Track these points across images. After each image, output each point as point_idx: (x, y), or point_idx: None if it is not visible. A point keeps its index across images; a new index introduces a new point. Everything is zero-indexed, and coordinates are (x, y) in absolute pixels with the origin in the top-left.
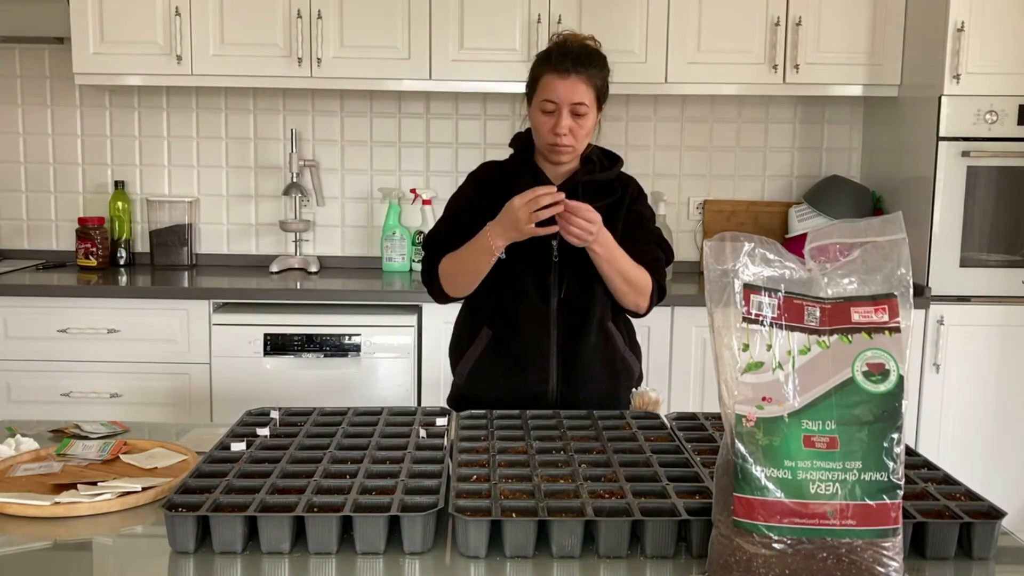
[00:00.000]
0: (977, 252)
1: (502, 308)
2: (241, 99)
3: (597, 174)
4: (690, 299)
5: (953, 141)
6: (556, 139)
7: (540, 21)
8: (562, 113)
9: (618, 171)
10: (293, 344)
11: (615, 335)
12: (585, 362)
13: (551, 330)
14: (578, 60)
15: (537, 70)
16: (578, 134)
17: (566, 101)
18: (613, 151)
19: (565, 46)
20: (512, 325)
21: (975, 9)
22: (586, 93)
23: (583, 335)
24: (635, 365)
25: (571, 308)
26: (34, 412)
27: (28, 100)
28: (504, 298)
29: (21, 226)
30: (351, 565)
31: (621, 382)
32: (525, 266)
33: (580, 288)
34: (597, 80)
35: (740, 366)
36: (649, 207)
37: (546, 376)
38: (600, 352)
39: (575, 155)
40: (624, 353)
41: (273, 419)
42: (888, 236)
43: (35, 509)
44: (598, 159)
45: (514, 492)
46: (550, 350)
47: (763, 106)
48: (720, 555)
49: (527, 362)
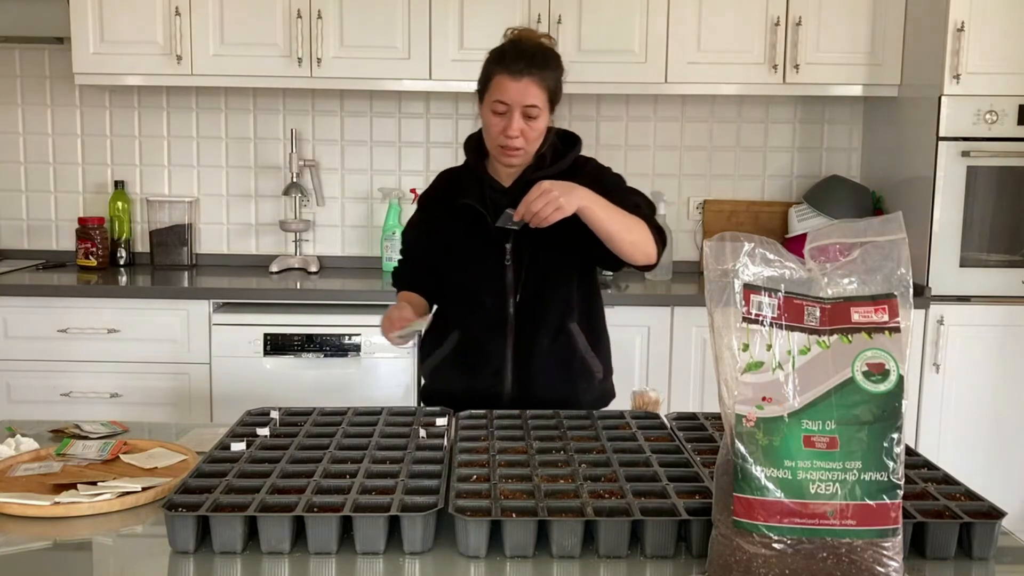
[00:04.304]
0: (977, 252)
1: (464, 313)
2: (241, 99)
3: (548, 168)
4: (690, 299)
5: (953, 141)
6: (507, 141)
7: (540, 21)
8: (513, 115)
9: (573, 158)
10: (293, 344)
11: (576, 336)
12: (539, 365)
13: (507, 333)
14: (532, 61)
15: (489, 69)
16: (529, 136)
17: (518, 103)
18: (572, 132)
19: (519, 45)
20: (473, 329)
21: (975, 9)
22: (538, 95)
23: (538, 338)
24: (597, 367)
25: (528, 311)
26: (34, 412)
27: (28, 100)
28: (464, 304)
29: (21, 226)
30: (351, 565)
31: (579, 384)
32: (480, 273)
33: (537, 291)
34: (550, 82)
35: (740, 366)
36: (614, 175)
37: (501, 378)
38: (557, 354)
39: (526, 157)
40: (585, 355)
41: (273, 419)
42: (888, 236)
43: (35, 509)
44: (553, 148)
45: (514, 492)
46: (505, 353)
47: (763, 106)
48: (720, 555)
49: (483, 364)
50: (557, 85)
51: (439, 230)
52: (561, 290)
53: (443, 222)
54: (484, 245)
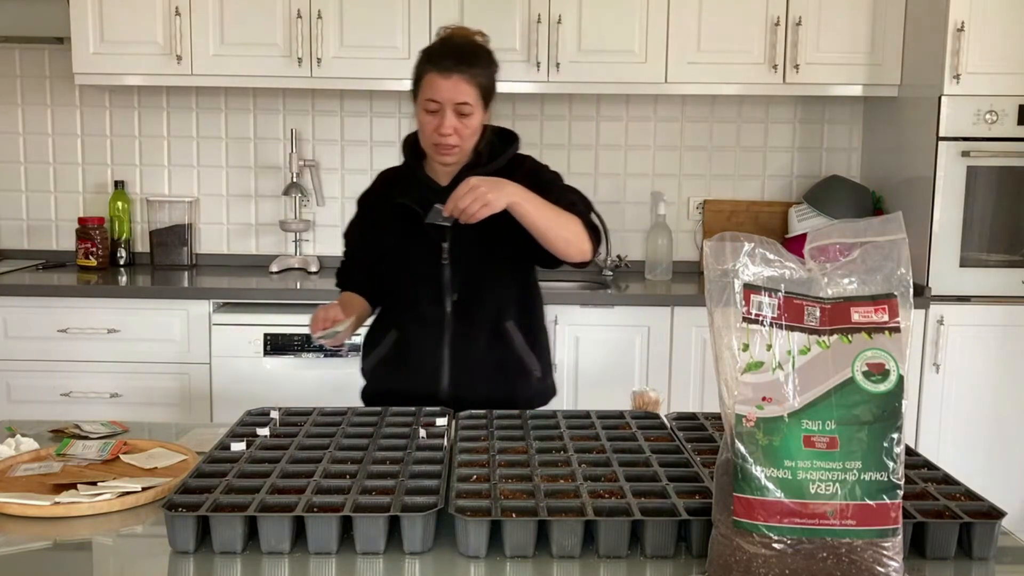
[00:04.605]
0: (977, 252)
1: (402, 312)
2: (241, 99)
3: (485, 166)
4: (690, 299)
5: (953, 141)
6: (440, 139)
7: (540, 21)
8: (445, 113)
9: (509, 156)
10: (293, 344)
11: (512, 335)
12: (475, 364)
13: (443, 332)
14: (461, 59)
15: (420, 68)
16: (463, 133)
17: (449, 101)
18: (509, 129)
19: (449, 43)
20: (410, 328)
21: (975, 9)
22: (470, 92)
23: (474, 337)
24: (535, 364)
25: (464, 310)
26: (34, 412)
27: (28, 100)
28: (402, 303)
29: (21, 226)
30: (351, 565)
31: (517, 383)
32: (418, 271)
33: (473, 290)
34: (482, 79)
35: (740, 366)
36: (550, 171)
37: (437, 377)
38: (493, 353)
39: (462, 154)
40: (521, 354)
41: (273, 419)
42: (888, 236)
43: (35, 509)
44: (490, 146)
45: (514, 492)
46: (441, 352)
47: (763, 106)
48: (720, 555)
49: (419, 364)
50: (490, 82)
51: (377, 230)
52: (498, 289)
53: (381, 222)
54: (421, 245)
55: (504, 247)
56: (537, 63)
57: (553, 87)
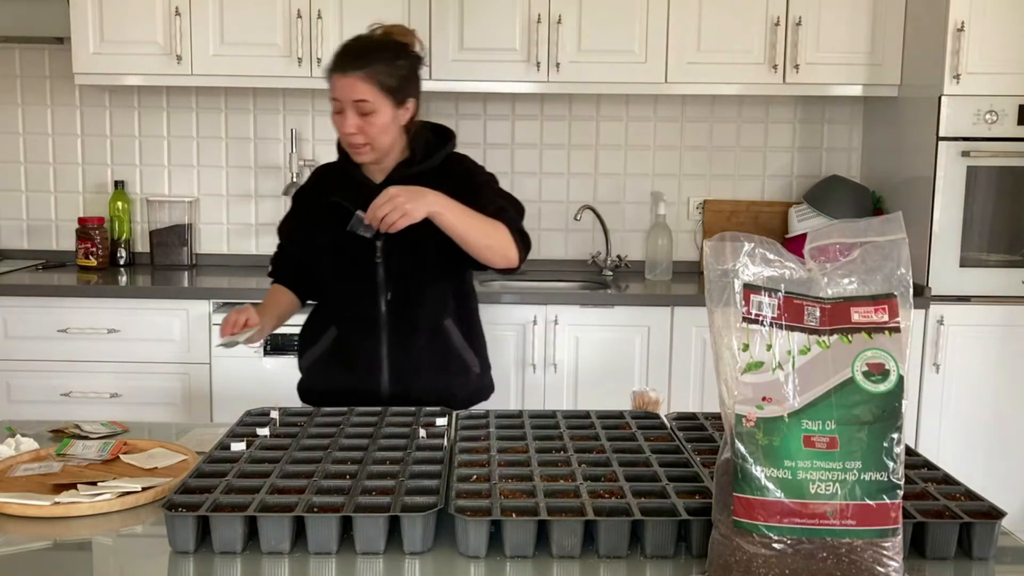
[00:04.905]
0: (977, 252)
1: (339, 310)
2: (241, 99)
3: (417, 166)
4: (690, 299)
5: (953, 141)
6: (347, 138)
7: (540, 21)
8: (347, 112)
9: (444, 155)
10: (293, 344)
11: (451, 333)
12: (414, 363)
13: (381, 332)
14: (357, 57)
15: (327, 68)
16: (368, 132)
17: (347, 99)
18: (446, 127)
19: (353, 42)
20: (348, 326)
21: (975, 9)
22: (367, 90)
23: (412, 336)
24: (473, 361)
25: (400, 310)
26: (34, 412)
27: (28, 100)
28: (338, 301)
29: (21, 226)
30: (351, 565)
31: (456, 379)
32: (352, 270)
33: (408, 290)
34: (382, 75)
35: (740, 366)
36: (485, 174)
37: (378, 378)
38: (432, 352)
39: (378, 152)
40: (460, 351)
41: (273, 419)
42: (888, 236)
43: (35, 509)
44: (425, 144)
45: (514, 492)
46: (380, 352)
47: (763, 106)
48: (720, 555)
49: (358, 363)
50: (395, 78)
51: (312, 227)
52: (433, 288)
53: (315, 219)
54: (355, 243)
55: (435, 248)
56: (537, 63)
57: (553, 87)
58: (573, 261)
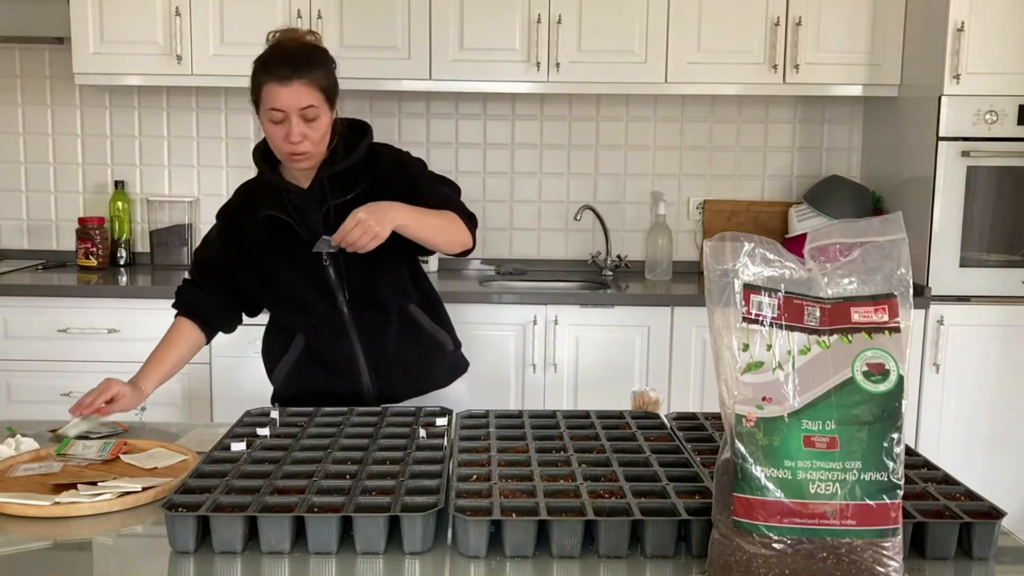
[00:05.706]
0: (977, 252)
1: (299, 320)
2: (241, 99)
3: (342, 162)
4: (690, 299)
5: (953, 141)
6: (292, 147)
7: (540, 21)
8: (292, 121)
9: (366, 148)
10: None
11: (418, 316)
12: (393, 353)
13: (350, 332)
14: (297, 64)
15: (258, 78)
16: (313, 137)
17: (293, 108)
18: (360, 120)
19: (281, 50)
20: (315, 333)
21: (975, 9)
22: (312, 96)
23: (383, 328)
24: (446, 338)
25: (362, 305)
26: (34, 412)
27: (28, 100)
28: (296, 311)
29: (21, 226)
30: (351, 565)
31: (435, 359)
32: (301, 279)
33: (364, 282)
34: (322, 80)
35: (740, 366)
36: (415, 161)
37: (357, 377)
38: (406, 339)
39: (317, 157)
40: (431, 331)
41: (273, 419)
42: (888, 236)
43: (35, 509)
44: (344, 139)
45: (514, 492)
46: (355, 352)
47: (763, 106)
48: (720, 555)
49: (335, 368)
50: (330, 81)
51: (248, 245)
52: (391, 277)
53: (250, 237)
54: (296, 251)
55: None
56: (537, 63)
57: (553, 87)
58: (573, 261)
